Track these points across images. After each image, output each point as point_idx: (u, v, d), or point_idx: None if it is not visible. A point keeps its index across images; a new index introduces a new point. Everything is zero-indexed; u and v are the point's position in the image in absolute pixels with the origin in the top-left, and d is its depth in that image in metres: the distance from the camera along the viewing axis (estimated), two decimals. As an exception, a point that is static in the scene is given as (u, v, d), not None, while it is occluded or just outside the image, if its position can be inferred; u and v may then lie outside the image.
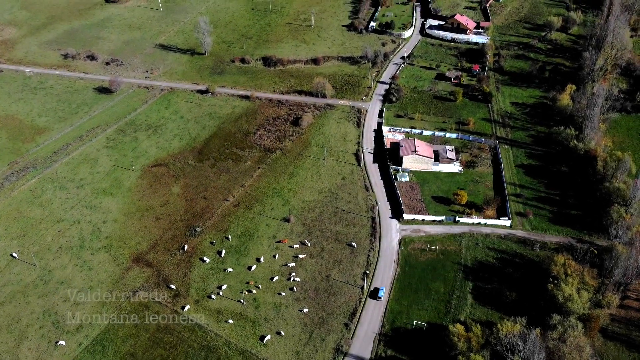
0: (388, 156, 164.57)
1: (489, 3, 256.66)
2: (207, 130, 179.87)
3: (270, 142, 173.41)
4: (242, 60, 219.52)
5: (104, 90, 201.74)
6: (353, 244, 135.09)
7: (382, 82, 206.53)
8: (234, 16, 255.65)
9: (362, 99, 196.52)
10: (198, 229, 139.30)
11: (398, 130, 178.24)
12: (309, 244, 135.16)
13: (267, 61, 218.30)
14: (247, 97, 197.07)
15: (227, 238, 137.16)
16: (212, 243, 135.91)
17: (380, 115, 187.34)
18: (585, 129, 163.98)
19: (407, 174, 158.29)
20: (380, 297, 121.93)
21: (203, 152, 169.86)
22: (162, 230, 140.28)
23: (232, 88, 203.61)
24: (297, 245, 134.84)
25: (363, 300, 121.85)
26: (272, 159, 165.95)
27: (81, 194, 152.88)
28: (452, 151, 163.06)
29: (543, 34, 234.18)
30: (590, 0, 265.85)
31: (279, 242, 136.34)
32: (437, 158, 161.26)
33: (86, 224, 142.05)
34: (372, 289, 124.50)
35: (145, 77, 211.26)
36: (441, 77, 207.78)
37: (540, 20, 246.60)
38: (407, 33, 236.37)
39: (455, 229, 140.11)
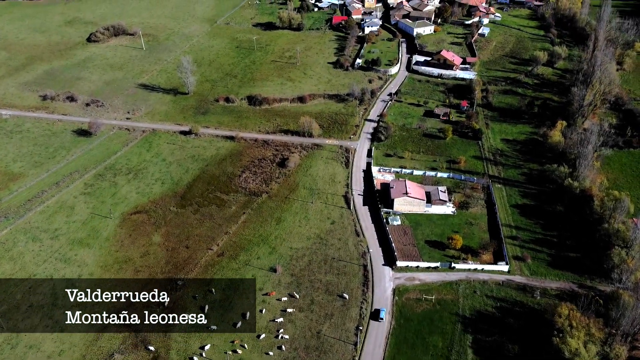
0: (378, 198, 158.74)
1: (474, 38, 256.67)
2: (190, 173, 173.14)
3: (256, 185, 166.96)
4: (227, 100, 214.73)
5: (83, 133, 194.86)
6: (345, 295, 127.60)
7: (370, 120, 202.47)
8: (218, 54, 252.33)
9: (350, 137, 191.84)
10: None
11: (388, 171, 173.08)
12: (297, 297, 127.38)
13: (252, 100, 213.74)
14: (231, 138, 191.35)
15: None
16: (194, 297, 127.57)
17: (369, 154, 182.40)
18: (579, 167, 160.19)
19: (398, 217, 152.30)
20: (382, 319, 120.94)
21: (186, 197, 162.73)
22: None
23: (216, 128, 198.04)
24: (285, 298, 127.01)
25: (357, 358, 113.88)
26: (258, 204, 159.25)
27: (55, 245, 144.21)
28: (444, 192, 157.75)
29: (529, 68, 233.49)
30: (574, 35, 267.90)
31: (266, 294, 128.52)
32: (429, 200, 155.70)
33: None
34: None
35: (127, 119, 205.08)
36: (430, 114, 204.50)
37: (525, 55, 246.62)
38: (393, 69, 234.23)
39: (452, 276, 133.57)
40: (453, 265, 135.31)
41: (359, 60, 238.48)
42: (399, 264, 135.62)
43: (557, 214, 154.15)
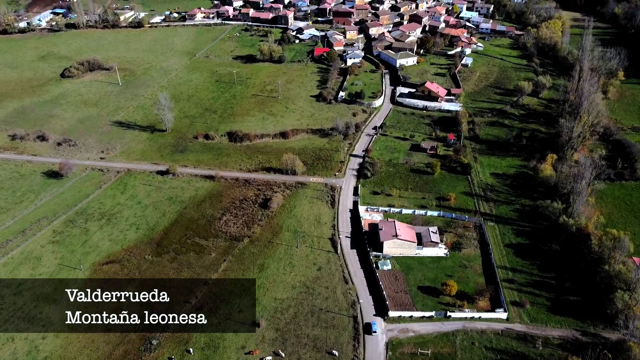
0: (367, 241, 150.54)
1: (457, 69, 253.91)
2: (167, 217, 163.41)
3: (237, 229, 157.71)
4: (206, 136, 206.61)
5: (53, 175, 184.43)
6: (334, 351, 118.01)
7: (355, 156, 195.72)
8: (198, 89, 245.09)
9: (335, 174, 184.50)
10: (154, 342, 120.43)
11: (376, 210, 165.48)
12: (283, 355, 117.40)
13: (232, 136, 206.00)
14: (211, 177, 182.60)
15: (189, 351, 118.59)
16: (170, 359, 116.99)
17: (356, 192, 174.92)
18: (573, 203, 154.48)
19: (388, 261, 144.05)
20: (375, 332, 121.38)
21: (162, 243, 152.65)
22: (112, 345, 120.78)
23: (195, 167, 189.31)
24: (269, 358, 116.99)
25: None
26: (240, 249, 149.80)
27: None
28: (435, 233, 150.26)
29: (515, 99, 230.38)
30: (556, 63, 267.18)
31: (249, 353, 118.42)
32: (420, 242, 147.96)
33: (22, 342, 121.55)
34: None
35: (101, 158, 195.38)
36: (416, 147, 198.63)
37: (510, 85, 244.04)
38: (377, 102, 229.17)
39: (448, 326, 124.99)
40: (449, 314, 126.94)
41: (342, 93, 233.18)
42: (392, 314, 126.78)
43: (553, 253, 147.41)
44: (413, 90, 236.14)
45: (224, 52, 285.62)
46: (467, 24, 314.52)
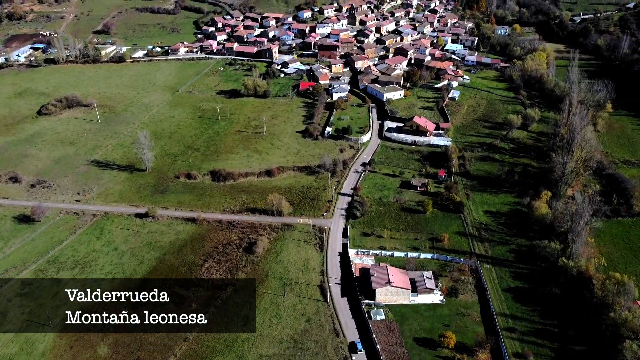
0: (358, 288, 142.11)
1: (445, 103, 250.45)
2: (145, 264, 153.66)
3: (220, 277, 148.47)
4: (188, 176, 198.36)
5: (25, 219, 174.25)
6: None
7: (344, 194, 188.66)
8: (180, 125, 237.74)
9: (323, 215, 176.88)
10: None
11: (366, 253, 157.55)
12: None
13: (215, 175, 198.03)
14: (193, 220, 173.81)
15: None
16: None
17: (345, 234, 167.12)
18: (572, 244, 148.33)
19: (382, 310, 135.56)
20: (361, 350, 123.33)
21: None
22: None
23: (176, 209, 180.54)
24: None
25: None
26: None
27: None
28: (430, 278, 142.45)
29: (504, 132, 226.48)
30: (543, 96, 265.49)
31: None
32: (414, 288, 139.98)
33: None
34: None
35: (76, 201, 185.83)
36: (406, 185, 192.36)
37: (498, 118, 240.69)
38: (365, 137, 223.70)
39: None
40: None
41: (328, 129, 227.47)
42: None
43: (553, 297, 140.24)
44: (401, 124, 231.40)
45: (208, 87, 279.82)
46: (453, 56, 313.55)
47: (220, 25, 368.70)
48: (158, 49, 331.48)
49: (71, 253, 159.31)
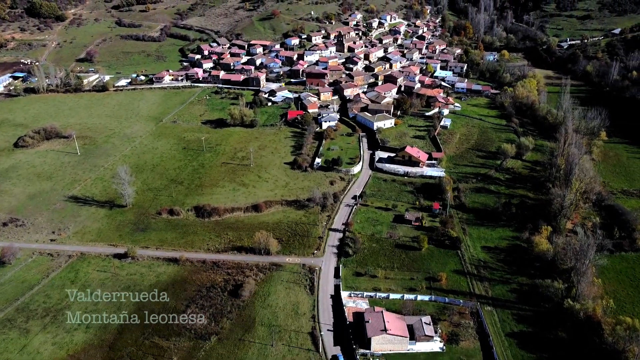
0: (352, 335, 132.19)
1: (437, 131, 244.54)
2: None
3: (204, 324, 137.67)
4: (171, 212, 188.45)
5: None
6: None
7: (335, 230, 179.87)
8: (163, 157, 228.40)
9: (314, 253, 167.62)
10: None
11: (360, 295, 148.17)
12: None
13: (200, 211, 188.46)
14: (175, 261, 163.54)
15: None
16: None
17: (337, 274, 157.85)
18: (577, 285, 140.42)
19: (378, 359, 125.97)
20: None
21: (115, 346, 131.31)
22: None
23: (157, 249, 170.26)
24: None
25: None
26: (206, 350, 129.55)
27: None
28: (429, 324, 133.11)
29: (499, 162, 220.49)
30: (535, 123, 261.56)
31: None
32: (412, 335, 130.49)
33: None
34: None
35: (51, 240, 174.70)
36: (400, 219, 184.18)
37: (492, 147, 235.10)
38: (356, 169, 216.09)
39: None
40: None
41: (318, 160, 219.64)
42: None
43: (560, 342, 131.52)
44: (392, 154, 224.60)
45: (193, 117, 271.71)
46: (443, 83, 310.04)
47: (206, 52, 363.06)
48: (142, 78, 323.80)
49: (43, 299, 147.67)
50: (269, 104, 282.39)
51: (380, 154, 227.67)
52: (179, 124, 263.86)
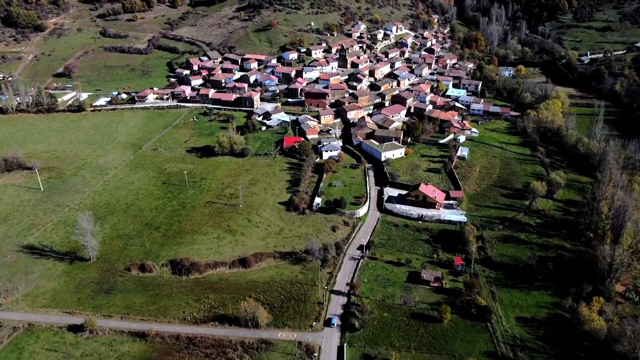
0: None
1: (453, 164, 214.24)
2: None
3: None
4: (142, 268, 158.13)
5: None
6: None
7: (338, 293, 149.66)
8: (139, 194, 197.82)
9: (312, 325, 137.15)
10: None
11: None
12: None
13: (177, 267, 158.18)
14: (142, 336, 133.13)
15: None
16: None
17: (341, 354, 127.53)
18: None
19: None
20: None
21: None
22: None
23: (122, 318, 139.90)
24: None
25: None
26: None
27: None
28: None
29: (527, 203, 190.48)
30: (563, 152, 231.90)
31: None
32: None
33: None
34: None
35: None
36: (415, 277, 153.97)
37: (517, 183, 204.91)
38: (362, 210, 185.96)
39: None
40: None
41: (318, 200, 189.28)
42: None
43: None
44: (404, 192, 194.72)
45: (177, 143, 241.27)
46: (457, 104, 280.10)
47: (195, 67, 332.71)
48: (124, 96, 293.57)
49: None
50: (263, 128, 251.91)
51: (390, 192, 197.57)
52: (160, 152, 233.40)
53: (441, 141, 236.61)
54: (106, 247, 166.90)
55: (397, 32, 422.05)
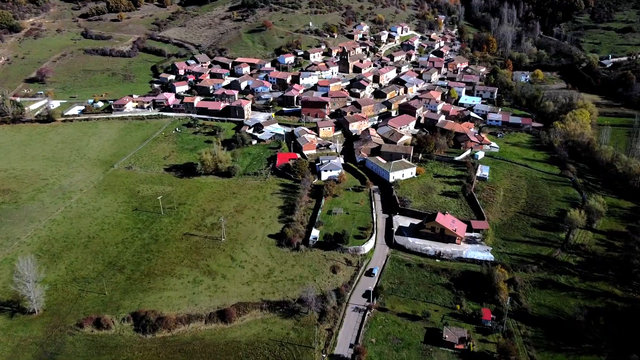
0: None
1: (473, 187, 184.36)
2: None
3: None
4: (98, 323, 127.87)
5: None
6: None
7: (339, 358, 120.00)
8: (104, 225, 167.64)
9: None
10: None
11: None
12: None
13: (140, 322, 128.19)
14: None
15: None
16: None
17: None
18: None
19: None
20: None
21: None
22: None
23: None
24: None
25: None
26: None
27: None
28: None
29: (563, 235, 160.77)
30: (596, 170, 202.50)
31: None
32: None
33: None
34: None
35: None
36: (435, 337, 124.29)
37: (549, 209, 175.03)
38: (367, 246, 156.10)
39: None
40: None
41: (315, 233, 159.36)
42: None
43: None
44: (416, 221, 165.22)
45: (155, 160, 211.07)
46: (472, 114, 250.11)
47: (182, 72, 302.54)
48: (100, 104, 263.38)
49: None
50: (254, 142, 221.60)
51: (400, 221, 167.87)
52: (134, 170, 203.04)
53: (457, 158, 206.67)
54: (57, 295, 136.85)
55: (402, 33, 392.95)
